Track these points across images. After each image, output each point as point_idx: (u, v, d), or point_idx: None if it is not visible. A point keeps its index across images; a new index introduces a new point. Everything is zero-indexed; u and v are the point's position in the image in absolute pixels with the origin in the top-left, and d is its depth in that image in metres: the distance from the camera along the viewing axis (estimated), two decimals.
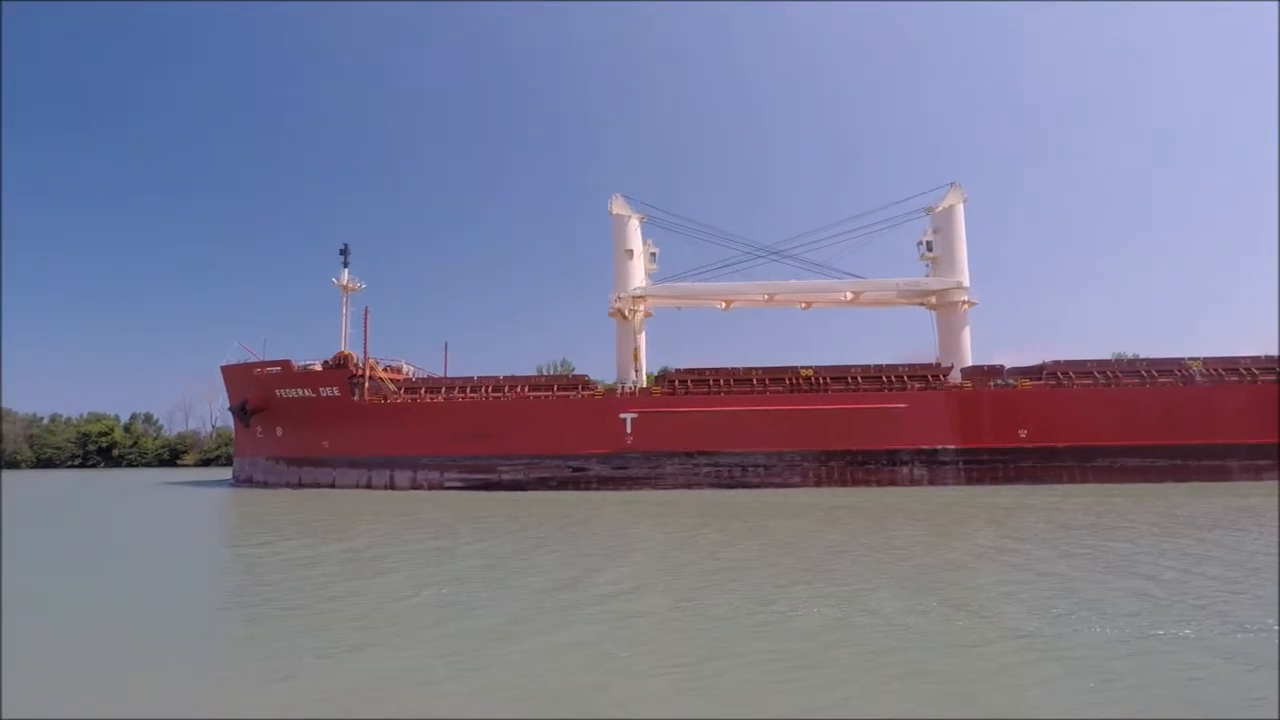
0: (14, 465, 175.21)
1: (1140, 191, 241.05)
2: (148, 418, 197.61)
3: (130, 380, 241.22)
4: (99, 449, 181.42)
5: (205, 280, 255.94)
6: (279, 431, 70.93)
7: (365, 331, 68.73)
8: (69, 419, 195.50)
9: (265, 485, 71.17)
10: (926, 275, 73.38)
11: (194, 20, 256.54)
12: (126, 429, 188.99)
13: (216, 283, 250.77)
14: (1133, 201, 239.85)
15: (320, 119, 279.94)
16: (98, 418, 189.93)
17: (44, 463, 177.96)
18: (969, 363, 69.16)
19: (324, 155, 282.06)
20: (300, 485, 68.38)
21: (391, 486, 65.38)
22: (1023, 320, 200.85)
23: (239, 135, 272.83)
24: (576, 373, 78.08)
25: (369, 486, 65.92)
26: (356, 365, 67.90)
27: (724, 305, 75.72)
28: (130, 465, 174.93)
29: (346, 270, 75.18)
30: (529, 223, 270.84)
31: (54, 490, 78.06)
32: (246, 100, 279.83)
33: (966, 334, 71.48)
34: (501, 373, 69.90)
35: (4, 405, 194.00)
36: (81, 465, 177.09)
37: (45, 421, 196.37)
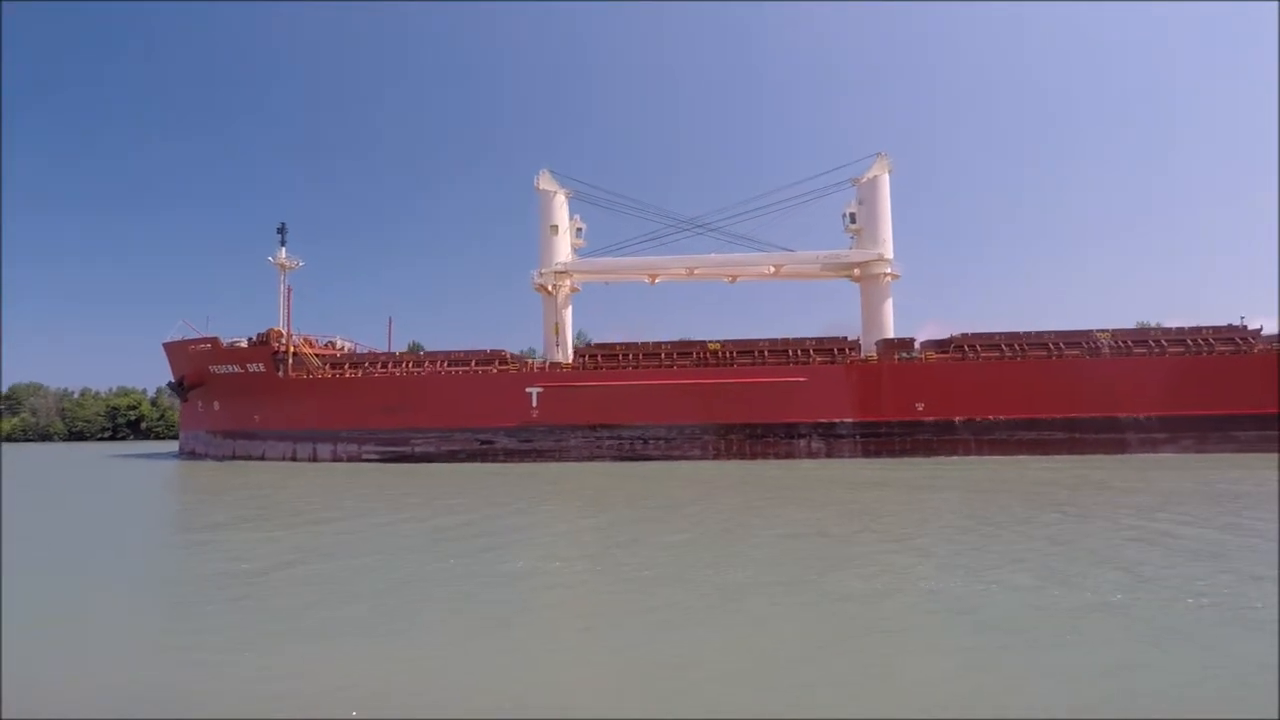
0: (47, 438, 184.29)
1: (1101, 176, 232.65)
2: None
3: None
4: (127, 422, 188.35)
5: (219, 254, 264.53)
6: (216, 406, 74.01)
7: (288, 308, 71.21)
8: (98, 393, 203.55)
9: (205, 457, 74.47)
10: (851, 247, 72.35)
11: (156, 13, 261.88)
12: (153, 402, 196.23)
13: (225, 257, 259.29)
14: (1096, 184, 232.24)
15: (306, 105, 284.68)
16: (126, 392, 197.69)
17: (75, 435, 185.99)
18: (890, 335, 68.28)
19: (314, 139, 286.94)
20: (234, 457, 71.38)
21: (314, 459, 67.88)
22: (974, 293, 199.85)
23: (243, 121, 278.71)
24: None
25: (294, 459, 68.56)
26: (281, 341, 70.04)
27: (650, 280, 75.79)
28: (158, 437, 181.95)
29: (284, 249, 77.10)
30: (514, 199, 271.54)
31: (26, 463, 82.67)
32: (241, 92, 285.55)
33: (888, 306, 70.36)
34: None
35: (37, 380, 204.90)
36: (111, 438, 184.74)
37: (76, 395, 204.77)
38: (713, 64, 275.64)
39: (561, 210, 75.45)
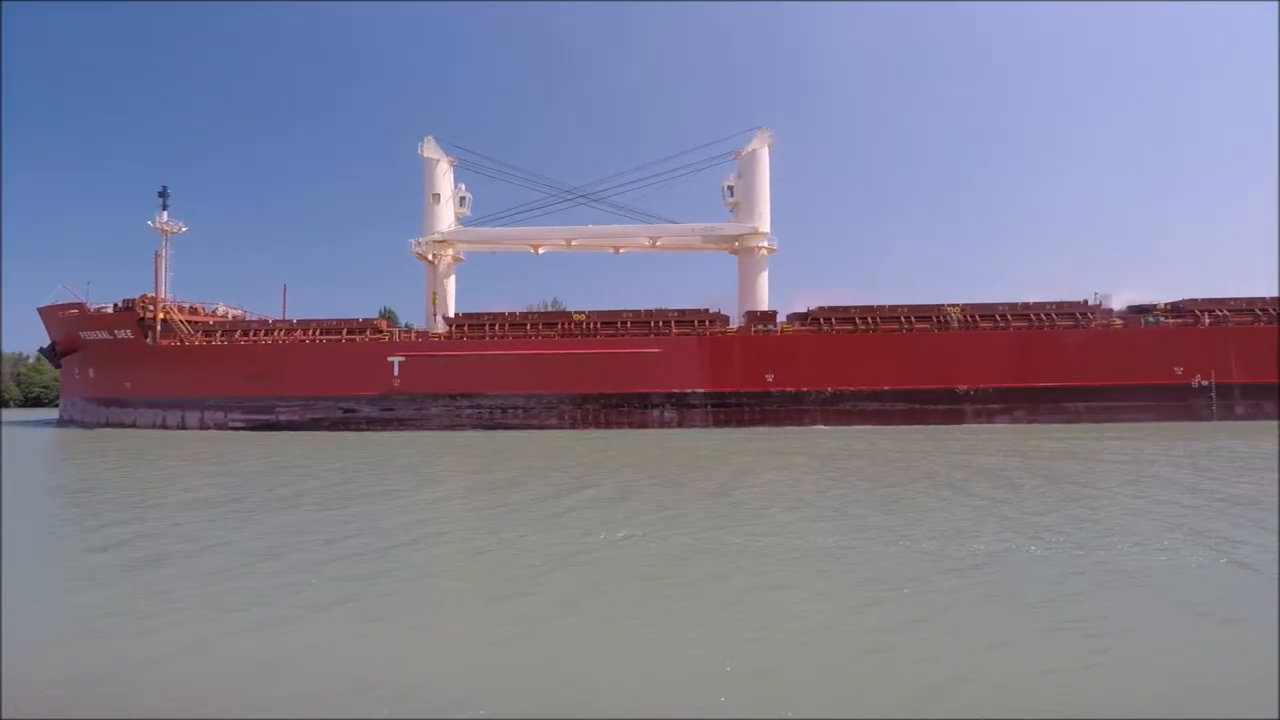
0: (4, 404, 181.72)
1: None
2: None
3: None
4: None
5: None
6: (90, 373, 73.38)
7: (157, 274, 70.24)
8: None
9: (82, 425, 73.89)
10: (730, 220, 72.31)
11: None
12: None
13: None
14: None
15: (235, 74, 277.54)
16: None
17: (32, 401, 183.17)
18: (765, 308, 68.56)
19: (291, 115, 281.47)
20: (107, 425, 70.89)
21: (183, 426, 67.63)
22: (863, 268, 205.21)
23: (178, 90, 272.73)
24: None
25: (164, 426, 68.27)
26: (148, 308, 69.13)
27: (535, 250, 75.55)
28: None
29: (165, 213, 75.76)
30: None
31: None
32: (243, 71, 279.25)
33: (764, 279, 70.72)
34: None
35: None
36: None
37: (31, 360, 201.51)
38: (603, 30, 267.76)
39: (445, 178, 74.89)
